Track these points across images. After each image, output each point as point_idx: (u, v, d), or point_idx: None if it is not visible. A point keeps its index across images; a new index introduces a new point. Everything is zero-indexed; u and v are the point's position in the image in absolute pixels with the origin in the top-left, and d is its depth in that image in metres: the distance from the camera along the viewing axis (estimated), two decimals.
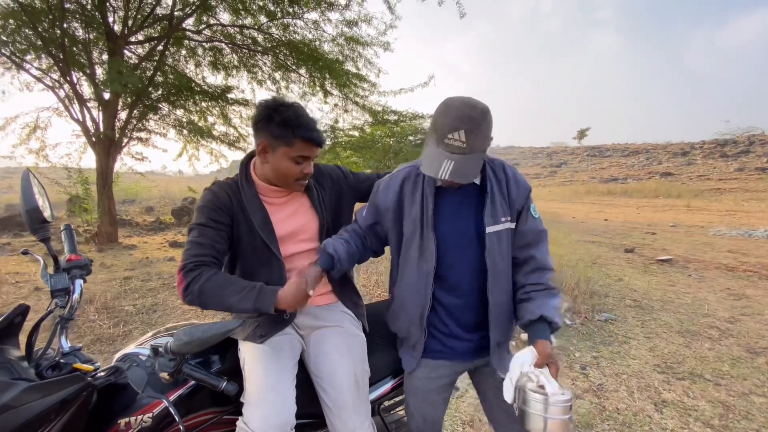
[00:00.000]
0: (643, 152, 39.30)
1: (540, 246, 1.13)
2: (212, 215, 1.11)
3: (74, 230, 1.11)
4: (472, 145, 0.93)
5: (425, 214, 1.10)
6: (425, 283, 1.12)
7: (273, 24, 7.15)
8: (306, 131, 1.07)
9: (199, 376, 0.91)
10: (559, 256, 4.67)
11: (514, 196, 1.12)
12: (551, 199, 20.24)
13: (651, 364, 2.65)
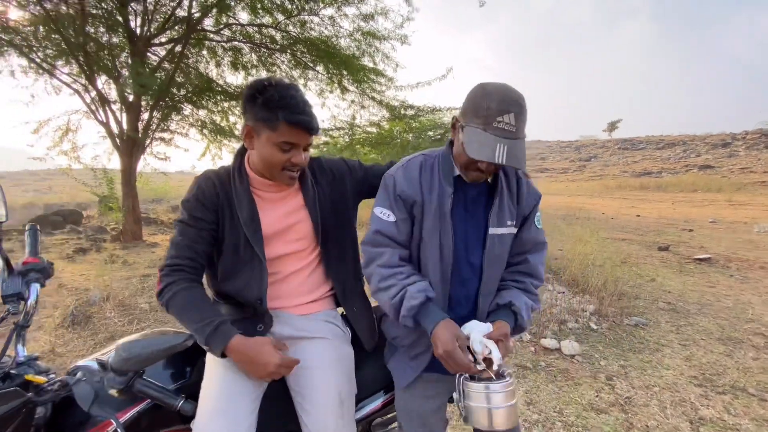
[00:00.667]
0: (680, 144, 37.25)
1: (536, 254, 1.10)
2: (195, 212, 1.04)
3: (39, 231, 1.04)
4: (520, 128, 0.89)
5: (443, 207, 1.02)
6: (443, 285, 1.03)
7: (290, 22, 7.15)
8: (291, 113, 0.95)
9: (153, 393, 0.82)
10: (584, 255, 4.40)
11: (524, 201, 1.07)
12: (579, 194, 19.46)
13: (687, 376, 2.40)
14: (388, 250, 1.03)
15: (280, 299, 1.13)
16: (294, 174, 1.04)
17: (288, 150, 1.00)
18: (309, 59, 7.58)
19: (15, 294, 0.88)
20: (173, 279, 0.98)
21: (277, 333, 1.12)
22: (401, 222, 1.04)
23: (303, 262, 1.14)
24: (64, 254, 5.56)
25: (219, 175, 1.08)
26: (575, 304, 3.42)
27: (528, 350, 2.71)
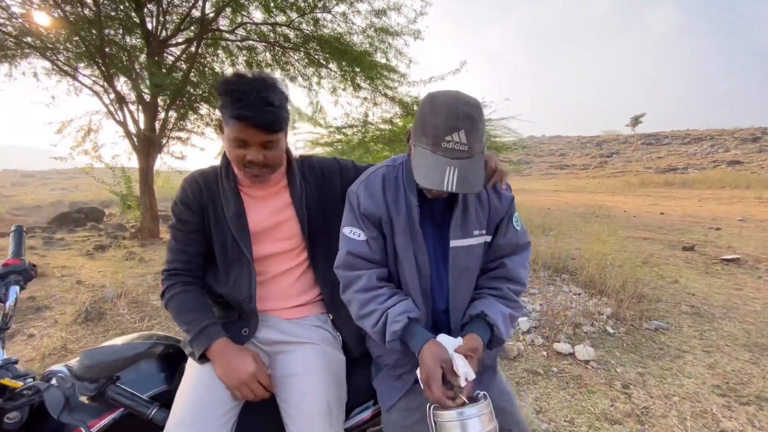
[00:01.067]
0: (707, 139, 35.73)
1: (515, 256, 1.03)
2: (181, 215, 1.06)
3: (24, 232, 1.04)
4: (473, 146, 0.81)
5: (412, 223, 0.96)
6: (425, 301, 0.99)
7: (303, 20, 7.15)
8: (237, 108, 0.90)
9: (124, 401, 0.79)
10: (602, 255, 4.23)
11: (494, 208, 1.00)
12: (599, 191, 18.91)
13: (710, 385, 2.26)
14: (364, 273, 0.97)
15: (268, 301, 1.10)
16: (255, 172, 0.99)
17: (242, 146, 0.96)
18: (322, 57, 7.59)
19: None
20: (171, 282, 1.04)
21: (263, 337, 1.08)
22: (372, 240, 0.98)
23: (291, 263, 1.11)
24: (84, 251, 5.71)
25: (205, 175, 1.08)
26: (591, 306, 3.28)
27: (539, 355, 2.61)
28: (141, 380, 0.94)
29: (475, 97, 0.84)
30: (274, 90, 0.94)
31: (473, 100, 0.84)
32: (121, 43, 6.45)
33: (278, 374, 1.03)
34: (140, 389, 0.92)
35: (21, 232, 1.02)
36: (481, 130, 0.82)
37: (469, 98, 0.84)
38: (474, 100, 0.84)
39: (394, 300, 0.93)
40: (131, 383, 0.91)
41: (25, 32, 5.90)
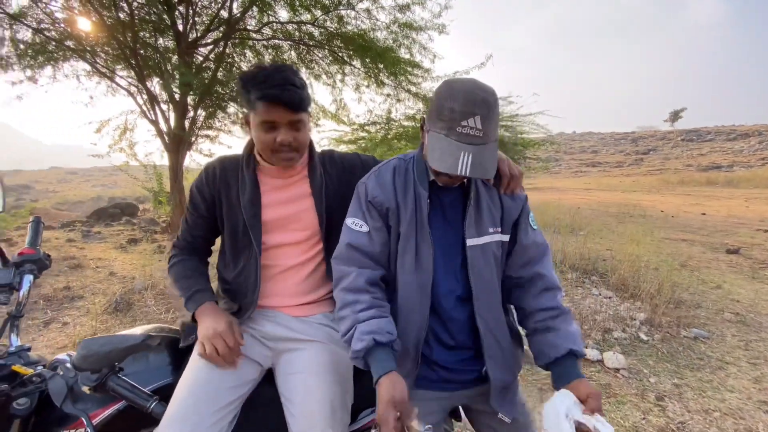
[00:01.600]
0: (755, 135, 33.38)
1: (545, 261, 0.98)
2: (194, 198, 1.11)
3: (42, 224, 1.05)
4: (488, 132, 0.79)
5: (420, 213, 0.92)
6: (422, 298, 0.92)
7: (328, 17, 7.18)
8: (262, 89, 0.92)
9: (124, 392, 0.78)
10: (636, 257, 4.00)
11: (507, 203, 0.97)
12: (634, 190, 18.04)
13: (755, 400, 2.07)
14: (354, 271, 0.92)
15: (276, 296, 1.08)
16: (287, 155, 1.01)
17: (271, 129, 0.97)
18: (346, 54, 7.60)
19: (5, 285, 0.88)
20: (174, 253, 1.15)
21: (269, 333, 1.06)
22: (375, 231, 0.94)
23: (304, 256, 1.09)
24: (118, 244, 5.98)
25: (225, 161, 1.11)
26: (623, 311, 3.10)
27: None
28: (146, 372, 0.93)
29: (491, 86, 0.83)
30: (294, 73, 0.98)
31: (490, 88, 0.83)
32: (153, 44, 6.68)
33: (282, 371, 1.01)
34: (144, 381, 0.91)
35: (38, 223, 1.04)
36: (496, 118, 0.81)
37: (485, 86, 0.83)
38: (490, 89, 0.83)
39: (368, 314, 0.86)
40: (136, 375, 0.90)
41: (67, 36, 6.22)
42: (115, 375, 0.80)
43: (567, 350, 0.85)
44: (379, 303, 0.90)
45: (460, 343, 0.96)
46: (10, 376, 0.83)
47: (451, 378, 0.96)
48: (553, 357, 0.87)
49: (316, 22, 7.15)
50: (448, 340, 0.95)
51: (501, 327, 0.96)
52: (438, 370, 0.96)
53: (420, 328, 0.93)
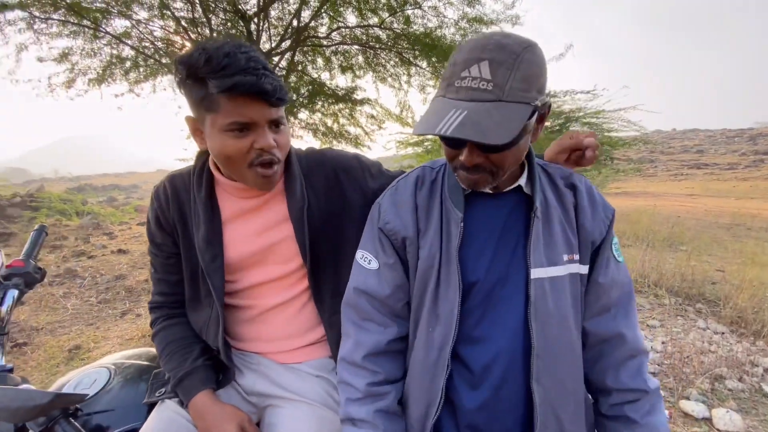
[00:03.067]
0: None
1: (630, 314, 0.72)
2: (153, 236, 0.88)
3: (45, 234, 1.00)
4: (504, 85, 0.54)
5: (445, 239, 0.67)
6: (436, 361, 0.68)
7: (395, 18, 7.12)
8: (225, 77, 0.66)
9: None
10: (758, 283, 3.20)
11: (588, 222, 0.70)
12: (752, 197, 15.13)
13: None
14: (353, 334, 0.73)
15: (259, 342, 0.90)
16: (268, 170, 0.75)
17: (243, 133, 0.71)
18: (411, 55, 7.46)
19: None
20: (155, 316, 0.92)
21: (249, 386, 0.88)
22: (385, 269, 0.71)
23: (289, 293, 0.87)
24: None
25: (174, 180, 0.86)
26: (741, 353, 2.44)
27: None
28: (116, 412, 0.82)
29: (528, 38, 0.58)
30: (259, 53, 0.73)
31: (521, 37, 0.58)
32: None
33: (265, 428, 0.83)
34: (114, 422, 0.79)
35: (41, 233, 0.99)
36: (524, 69, 0.55)
37: (514, 35, 0.59)
38: (521, 37, 0.58)
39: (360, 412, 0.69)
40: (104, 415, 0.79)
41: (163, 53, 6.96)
42: (64, 419, 0.69)
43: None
44: (377, 391, 0.71)
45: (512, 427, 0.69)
46: None
47: None
48: None
49: (383, 24, 7.12)
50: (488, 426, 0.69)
51: (569, 399, 0.69)
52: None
53: (429, 401, 0.68)
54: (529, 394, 0.67)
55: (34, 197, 8.09)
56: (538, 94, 0.56)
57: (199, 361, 0.83)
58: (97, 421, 0.79)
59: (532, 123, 0.60)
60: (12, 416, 0.60)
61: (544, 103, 0.59)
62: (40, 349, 2.77)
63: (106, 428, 0.79)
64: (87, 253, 5.35)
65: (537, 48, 0.57)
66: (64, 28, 5.83)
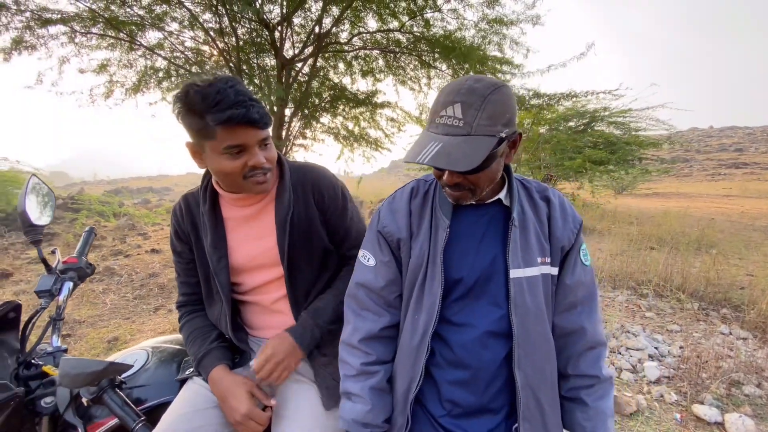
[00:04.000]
0: None
1: (592, 312, 0.81)
2: (174, 245, 1.04)
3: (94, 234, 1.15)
4: (472, 122, 0.67)
5: (433, 241, 0.79)
6: (418, 343, 0.79)
7: (414, 22, 7.21)
8: (220, 111, 0.79)
9: (115, 408, 0.79)
10: None
11: (559, 230, 0.81)
12: None
13: None
14: (352, 321, 0.86)
15: (271, 329, 1.03)
16: (261, 179, 0.88)
17: (238, 155, 0.85)
18: (431, 58, 7.52)
19: (45, 291, 0.97)
20: (181, 314, 1.07)
21: None
22: (381, 265, 0.84)
23: (275, 295, 1.01)
24: None
25: (187, 198, 1.02)
26: (762, 359, 2.38)
27: (670, 416, 1.98)
28: (152, 386, 0.95)
29: (499, 80, 0.69)
30: (243, 85, 0.85)
31: (492, 80, 0.68)
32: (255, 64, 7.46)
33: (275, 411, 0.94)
34: (147, 396, 0.93)
35: (90, 234, 1.15)
36: (490, 109, 0.67)
37: (486, 78, 0.69)
38: (492, 80, 0.69)
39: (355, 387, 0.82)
40: (141, 389, 0.92)
41: (192, 62, 7.31)
42: (111, 389, 0.82)
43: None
44: (369, 370, 0.82)
45: (486, 401, 0.78)
46: (40, 375, 0.91)
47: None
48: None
49: (403, 28, 7.21)
50: (465, 399, 0.78)
51: (546, 383, 0.78)
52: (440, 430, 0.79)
53: (410, 378, 0.79)
54: (508, 377, 0.77)
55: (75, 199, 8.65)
56: (504, 127, 0.67)
57: (215, 344, 0.97)
58: (137, 394, 0.93)
59: (502, 149, 0.71)
60: (72, 382, 0.73)
61: (513, 133, 0.71)
62: (82, 340, 3.01)
63: (144, 400, 0.93)
64: (123, 252, 5.71)
65: (505, 89, 0.68)
66: (102, 41, 6.25)
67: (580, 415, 0.80)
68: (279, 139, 7.53)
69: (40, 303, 0.98)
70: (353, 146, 9.34)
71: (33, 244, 1.01)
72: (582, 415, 0.80)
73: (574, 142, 8.64)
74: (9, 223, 7.43)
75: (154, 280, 4.48)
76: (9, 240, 6.28)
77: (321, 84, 8.32)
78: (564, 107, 8.71)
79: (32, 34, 5.54)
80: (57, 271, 1.02)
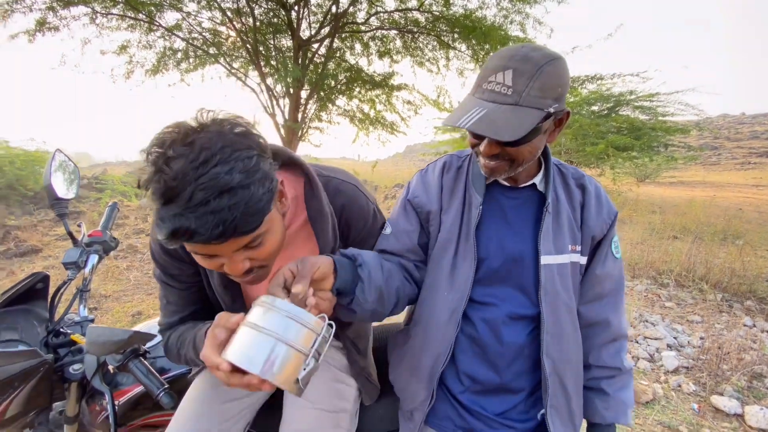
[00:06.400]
0: None
1: (618, 304, 0.81)
2: (167, 267, 0.79)
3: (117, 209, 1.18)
4: (522, 91, 0.62)
5: (466, 219, 0.77)
6: (448, 320, 0.77)
7: (434, 0, 7.01)
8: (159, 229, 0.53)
9: (140, 376, 0.82)
10: None
11: (592, 220, 0.78)
12: None
13: None
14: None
15: None
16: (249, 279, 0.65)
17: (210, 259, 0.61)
18: (450, 38, 7.32)
19: (72, 263, 1.00)
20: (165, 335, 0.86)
21: None
22: (402, 234, 0.82)
23: None
24: None
25: None
26: None
27: (687, 406, 1.95)
28: None
29: (557, 53, 0.65)
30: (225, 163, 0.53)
31: (549, 50, 0.65)
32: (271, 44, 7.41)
33: None
34: (172, 366, 0.96)
35: (114, 209, 1.18)
36: (544, 79, 0.62)
37: (544, 48, 0.65)
38: (548, 51, 0.65)
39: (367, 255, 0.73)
40: (165, 360, 0.96)
41: (211, 44, 7.32)
42: (136, 358, 0.85)
43: (610, 423, 0.80)
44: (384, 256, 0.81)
45: (506, 380, 0.78)
46: (68, 343, 0.94)
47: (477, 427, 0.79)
48: (595, 422, 0.82)
49: (422, 7, 7.02)
50: (491, 379, 0.78)
51: (573, 370, 0.78)
52: (466, 416, 0.79)
53: (438, 353, 0.78)
54: (531, 361, 0.77)
55: (99, 179, 8.90)
56: (554, 102, 0.63)
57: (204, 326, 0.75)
58: (159, 364, 0.96)
59: (547, 125, 0.67)
60: (99, 349, 0.75)
61: (561, 110, 0.67)
62: (108, 314, 3.14)
63: (167, 370, 0.96)
64: (145, 231, 5.87)
65: (561, 62, 0.64)
66: (122, 22, 6.30)
67: (600, 404, 0.80)
68: (295, 121, 7.53)
69: (68, 275, 1.02)
70: (368, 129, 9.27)
71: (59, 217, 1.04)
72: (602, 404, 0.80)
73: (597, 126, 8.36)
74: (37, 201, 7.72)
75: None
76: (38, 217, 6.53)
77: (337, 65, 8.22)
78: (588, 90, 8.40)
79: (55, 15, 5.62)
80: (83, 244, 1.05)
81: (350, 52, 8.34)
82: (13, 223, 5.71)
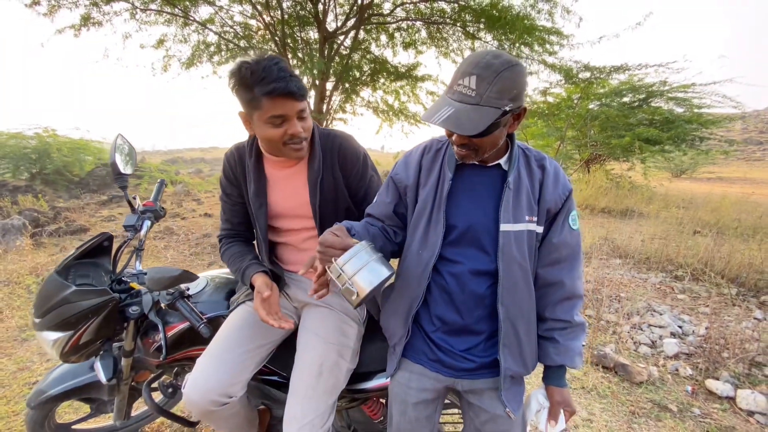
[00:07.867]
0: None
1: (573, 268, 0.94)
2: (224, 187, 1.20)
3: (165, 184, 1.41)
4: (484, 94, 0.76)
5: (439, 192, 0.94)
6: (421, 273, 0.95)
7: None
8: (266, 85, 0.93)
9: (184, 312, 1.03)
10: None
11: (549, 195, 0.91)
12: None
13: None
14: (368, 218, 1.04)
15: (300, 265, 1.21)
16: (298, 146, 1.03)
17: (280, 124, 0.99)
18: (475, 28, 7.28)
19: (131, 226, 1.23)
20: (221, 244, 1.27)
21: (293, 295, 1.22)
22: (381, 204, 1.01)
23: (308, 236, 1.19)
24: None
25: (240, 149, 1.17)
26: None
27: (681, 388, 2.03)
28: (210, 302, 1.21)
29: (515, 58, 0.79)
30: (285, 62, 0.98)
31: (508, 57, 0.78)
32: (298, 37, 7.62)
33: (300, 326, 1.16)
34: (207, 308, 1.18)
35: (162, 184, 1.40)
36: (501, 84, 0.75)
37: (503, 55, 0.79)
38: (507, 57, 0.78)
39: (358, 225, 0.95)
40: (203, 303, 1.18)
41: (241, 37, 7.62)
42: (182, 298, 1.06)
43: (559, 364, 0.93)
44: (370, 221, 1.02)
45: (469, 323, 0.93)
46: (128, 290, 1.18)
47: (444, 359, 0.95)
48: (547, 364, 0.96)
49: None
50: (457, 321, 0.94)
51: (523, 319, 0.92)
52: (437, 351, 0.96)
53: (413, 298, 0.95)
54: (490, 309, 0.92)
55: (138, 167, 9.50)
56: (510, 102, 0.77)
57: (252, 260, 1.16)
58: (199, 308, 1.17)
59: (505, 120, 0.81)
60: (157, 284, 0.97)
61: (517, 107, 0.81)
62: None
63: (204, 312, 1.18)
64: (180, 215, 6.29)
65: (518, 67, 0.77)
66: (159, 17, 6.68)
67: (552, 350, 0.93)
68: (319, 113, 7.74)
69: (126, 236, 1.25)
70: (392, 121, 9.39)
71: (121, 189, 1.27)
72: (554, 350, 0.93)
73: (625, 118, 8.11)
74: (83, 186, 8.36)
75: (207, 239, 4.96)
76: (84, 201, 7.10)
77: (362, 57, 8.34)
78: (618, 81, 8.15)
79: (98, 10, 6.04)
80: (138, 211, 1.28)
81: (375, 44, 8.44)
82: (62, 205, 6.25)
